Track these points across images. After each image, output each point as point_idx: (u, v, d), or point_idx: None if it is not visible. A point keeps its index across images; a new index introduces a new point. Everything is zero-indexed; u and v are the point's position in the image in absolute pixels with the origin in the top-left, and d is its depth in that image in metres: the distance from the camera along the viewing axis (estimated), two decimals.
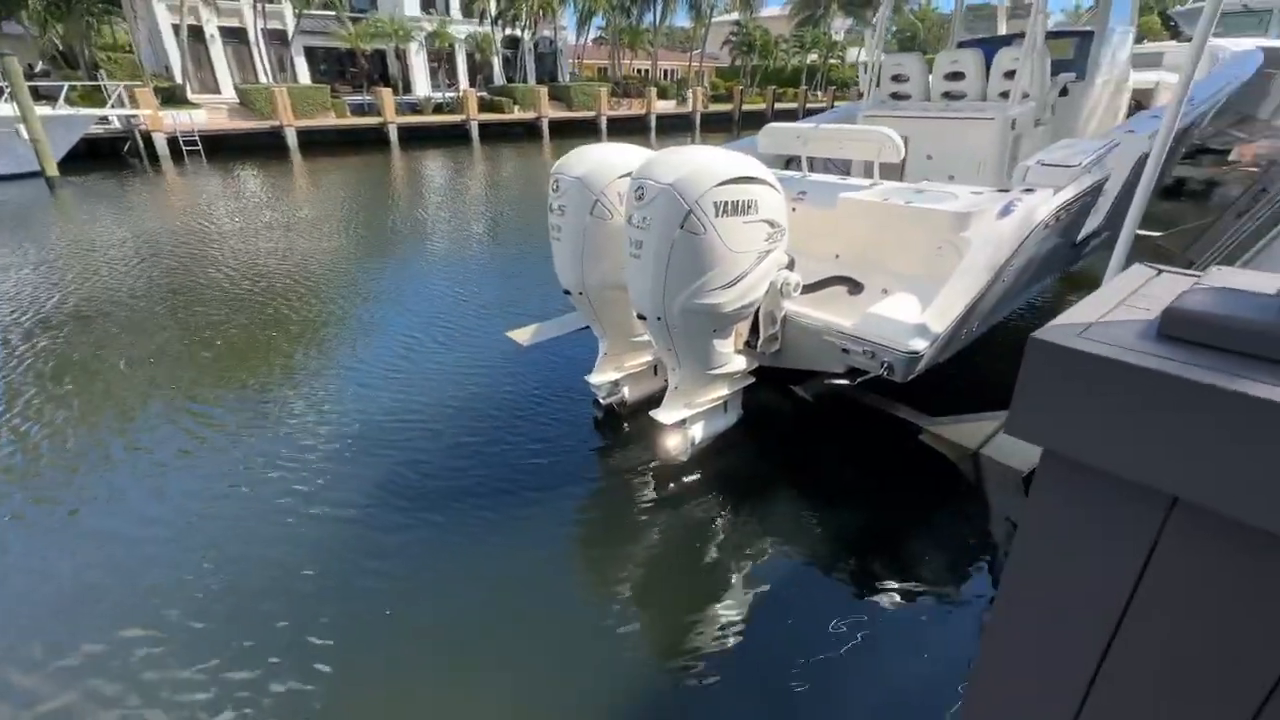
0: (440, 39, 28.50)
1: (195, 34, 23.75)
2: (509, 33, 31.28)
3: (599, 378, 4.09)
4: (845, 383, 3.66)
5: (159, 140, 18.68)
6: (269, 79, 24.62)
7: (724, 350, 3.49)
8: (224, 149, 20.17)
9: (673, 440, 3.67)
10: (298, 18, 25.71)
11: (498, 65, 32.39)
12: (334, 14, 25.51)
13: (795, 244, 3.52)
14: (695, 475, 3.74)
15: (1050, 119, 5.69)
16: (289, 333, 6.05)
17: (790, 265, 3.50)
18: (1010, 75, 5.34)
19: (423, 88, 29.93)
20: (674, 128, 32.01)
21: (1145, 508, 0.81)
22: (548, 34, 34.40)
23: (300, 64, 27.54)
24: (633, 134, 29.11)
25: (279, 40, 26.30)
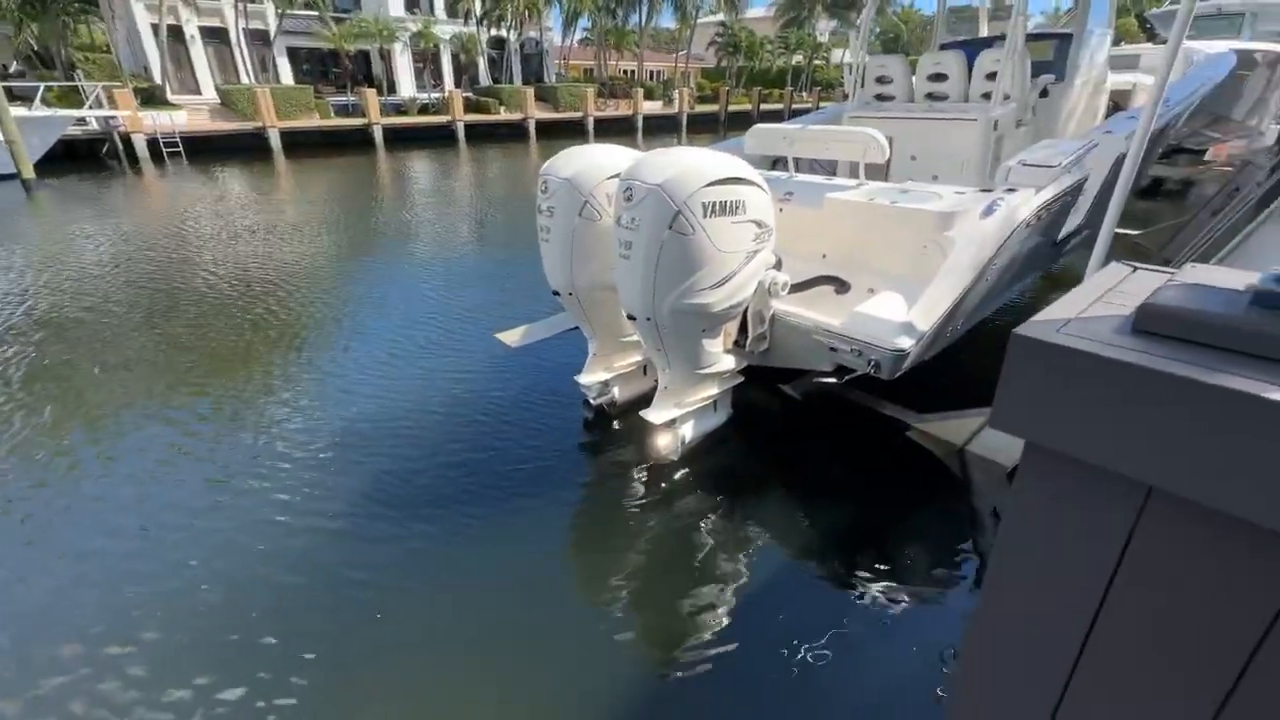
0: (425, 39, 28.33)
1: (175, 34, 23.43)
2: (494, 33, 31.17)
3: (589, 378, 4.10)
4: (833, 381, 3.71)
5: (138, 142, 18.40)
6: (251, 79, 24.32)
7: (713, 350, 3.52)
8: (206, 151, 19.89)
9: (663, 440, 3.69)
10: (280, 18, 25.42)
11: (483, 66, 32.25)
12: (317, 14, 25.25)
13: (782, 244, 3.55)
14: (685, 474, 3.76)
15: (1031, 120, 5.77)
16: (271, 338, 5.95)
17: (778, 265, 3.54)
18: (992, 77, 5.42)
19: (408, 88, 29.73)
20: (660, 128, 32.07)
21: (1123, 497, 0.84)
22: (533, 35, 34.32)
23: (283, 64, 27.25)
24: (620, 135, 29.11)
25: (261, 40, 26.00)
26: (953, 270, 3.34)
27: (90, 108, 17.08)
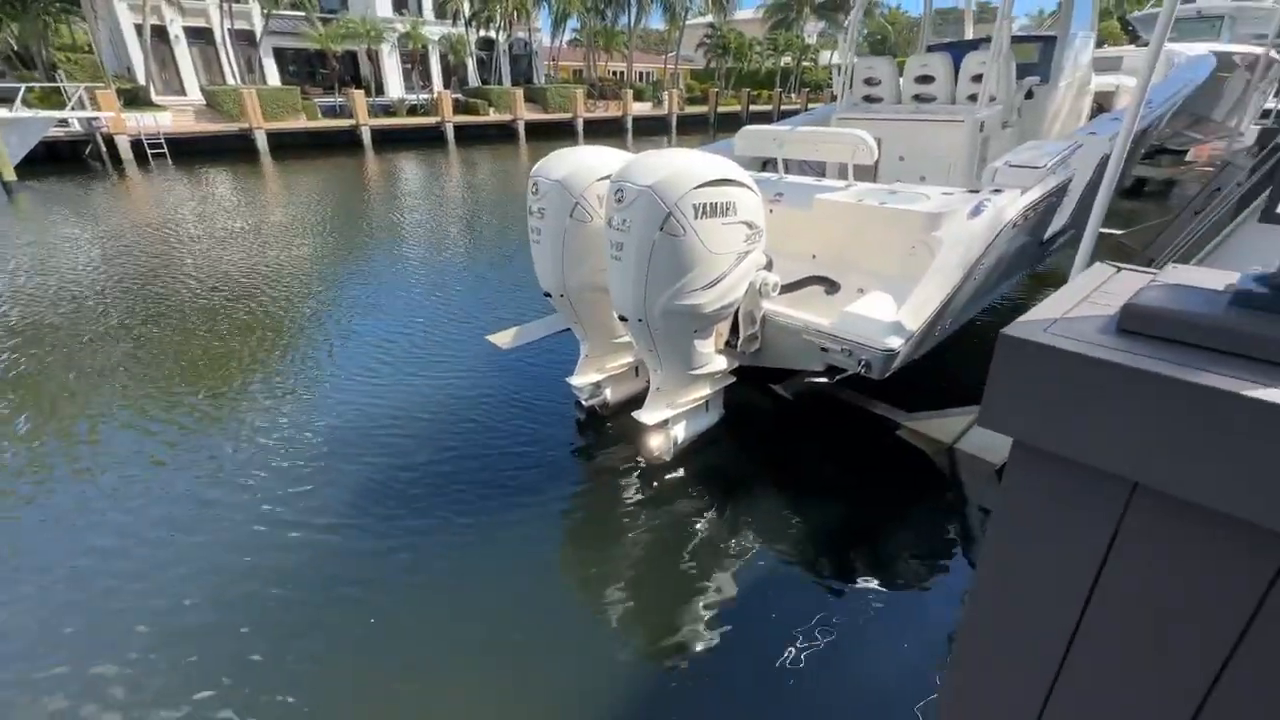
0: (413, 40, 28.19)
1: (159, 34, 23.16)
2: (483, 34, 31.07)
3: (581, 380, 4.10)
4: (824, 380, 3.73)
5: (122, 143, 18.18)
6: (237, 80, 24.10)
7: (705, 350, 3.53)
8: (191, 152, 19.68)
9: (655, 440, 3.70)
10: (266, 18, 25.20)
11: (472, 67, 32.14)
12: (303, 14, 25.06)
13: (773, 245, 3.57)
14: (678, 475, 3.77)
15: (1017, 121, 5.85)
16: (258, 342, 5.88)
17: (768, 266, 3.56)
18: (978, 79, 5.48)
19: (396, 89, 29.58)
20: (650, 129, 32.13)
21: (1109, 493, 0.86)
22: (522, 36, 34.25)
23: (269, 65, 27.01)
24: (609, 136, 29.12)
25: (246, 41, 25.76)
26: (941, 270, 3.37)
27: (72, 109, 16.85)
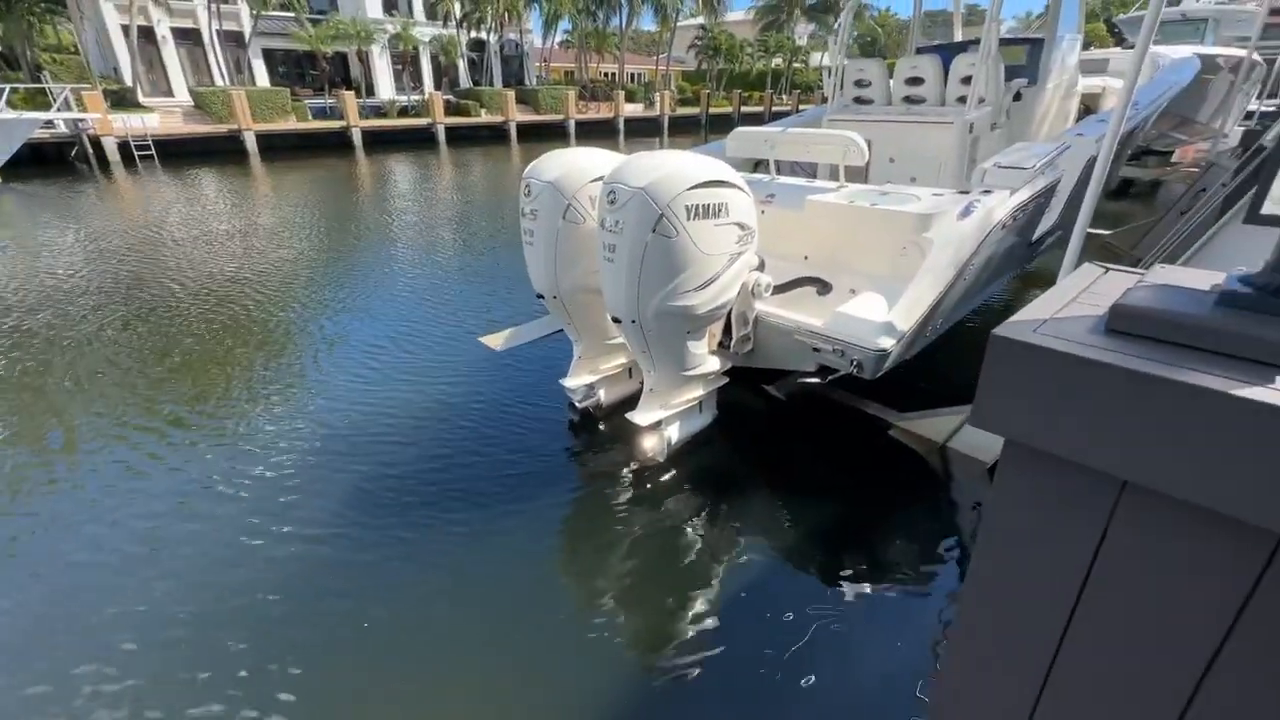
0: (404, 41, 28.10)
1: (146, 35, 22.95)
2: (474, 35, 31.00)
3: (574, 381, 4.09)
4: (816, 381, 3.75)
5: (109, 145, 18.00)
6: (225, 81, 23.91)
7: (698, 351, 3.54)
8: (179, 154, 19.51)
9: (649, 442, 3.70)
10: (255, 19, 25.04)
11: (463, 68, 32.07)
12: (293, 15, 24.92)
13: (765, 246, 3.59)
14: (672, 476, 3.77)
15: (1005, 123, 5.90)
16: (247, 344, 5.83)
17: (761, 267, 3.57)
18: (967, 81, 5.53)
19: (387, 91, 29.47)
20: (642, 131, 32.15)
21: (1099, 491, 0.87)
22: (513, 37, 34.20)
23: (258, 66, 26.84)
24: (601, 137, 29.13)
25: (235, 42, 25.57)
26: (932, 270, 3.40)
27: (58, 110, 16.66)
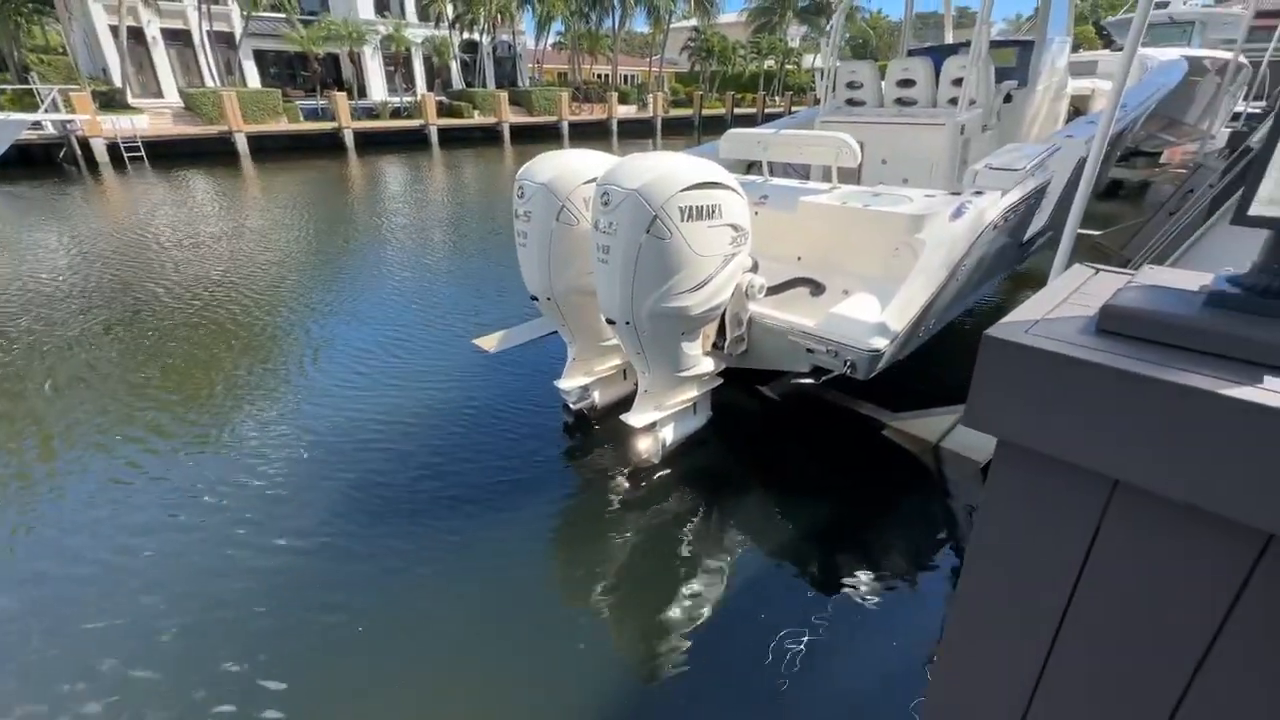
0: (396, 42, 27.99)
1: (135, 36, 22.77)
2: (467, 37, 30.94)
3: (568, 383, 4.09)
4: (810, 381, 3.75)
5: (98, 146, 17.84)
6: (216, 83, 23.76)
7: (692, 352, 3.54)
8: (169, 155, 19.37)
9: (644, 443, 3.70)
10: (245, 19, 24.90)
11: (456, 70, 32.00)
12: (284, 16, 24.78)
13: (758, 247, 3.60)
14: (666, 477, 3.77)
15: (996, 124, 5.94)
16: (234, 349, 5.74)
17: (754, 268, 3.58)
18: (958, 82, 5.56)
19: (379, 92, 29.36)
20: (635, 132, 32.18)
21: (1091, 490, 0.88)
22: (506, 38, 34.17)
23: (249, 67, 26.68)
24: (594, 138, 29.14)
25: (226, 43, 25.44)
26: (924, 271, 3.42)
27: (46, 111, 16.52)
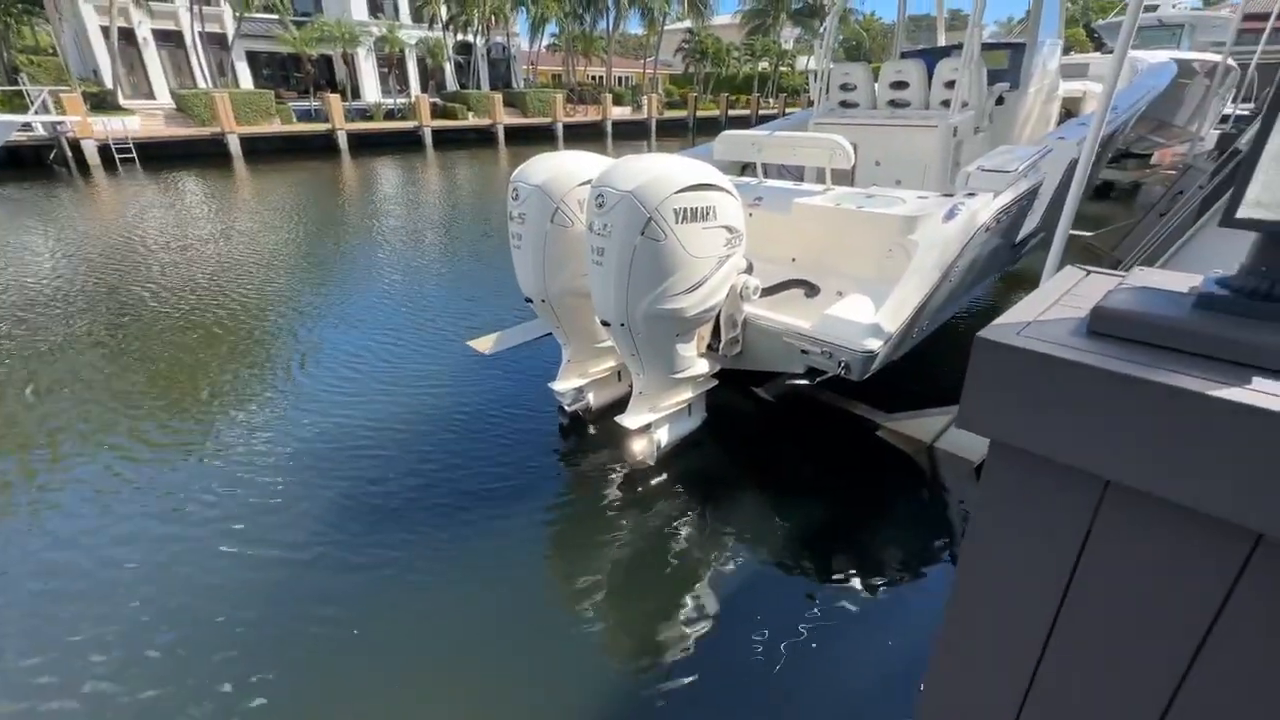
0: (390, 44, 27.96)
1: (126, 37, 22.67)
2: (461, 38, 30.92)
3: (563, 385, 4.08)
4: (804, 382, 3.77)
5: (89, 148, 17.72)
6: (208, 84, 23.65)
7: (687, 354, 3.54)
8: (161, 157, 19.26)
9: (639, 444, 3.70)
10: (238, 20, 24.80)
11: (450, 71, 31.96)
12: (277, 17, 24.70)
13: (752, 249, 3.61)
14: (662, 478, 3.77)
15: (988, 126, 5.98)
16: (224, 353, 5.66)
17: (749, 269, 3.59)
18: (950, 85, 5.60)
19: (372, 94, 29.30)
20: (630, 134, 32.21)
21: (1082, 491, 0.88)
22: (500, 40, 34.16)
23: (241, 69, 26.57)
24: (589, 140, 29.15)
25: (218, 44, 25.32)
26: (917, 272, 3.43)
27: (35, 112, 16.40)
